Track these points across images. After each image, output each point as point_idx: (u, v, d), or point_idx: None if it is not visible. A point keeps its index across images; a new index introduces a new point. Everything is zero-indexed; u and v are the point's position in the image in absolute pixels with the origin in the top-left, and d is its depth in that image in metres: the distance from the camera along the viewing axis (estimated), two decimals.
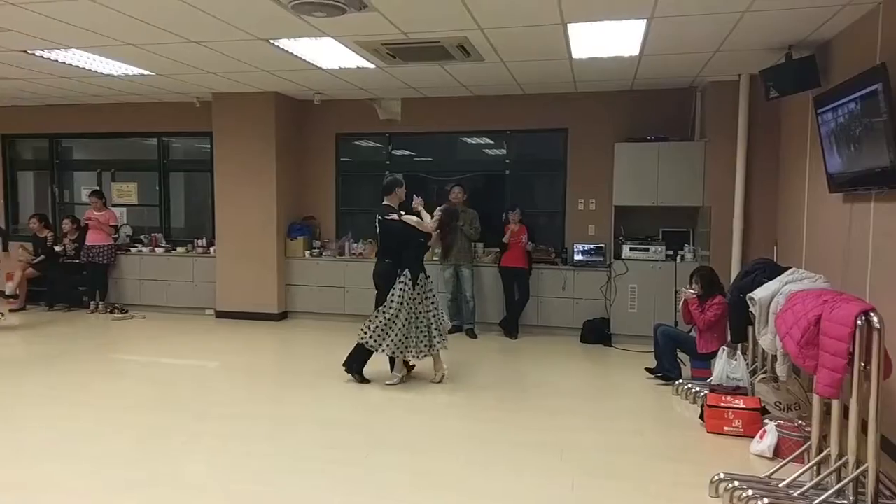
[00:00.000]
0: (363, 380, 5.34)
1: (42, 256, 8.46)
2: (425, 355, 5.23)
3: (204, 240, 8.45)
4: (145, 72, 6.58)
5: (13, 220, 9.38)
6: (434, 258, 7.56)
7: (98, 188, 8.77)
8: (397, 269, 5.21)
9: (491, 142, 8.29)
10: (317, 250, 8.10)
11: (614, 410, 4.92)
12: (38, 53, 5.83)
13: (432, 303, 5.28)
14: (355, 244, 8.05)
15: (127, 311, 8.27)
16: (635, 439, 4.22)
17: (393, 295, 5.13)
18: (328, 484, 3.45)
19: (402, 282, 5.13)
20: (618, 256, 7.05)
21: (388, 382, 5.28)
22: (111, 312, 8.23)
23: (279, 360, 6.71)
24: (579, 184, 7.69)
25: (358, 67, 6.22)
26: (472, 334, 7.25)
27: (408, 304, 5.11)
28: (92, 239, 8.28)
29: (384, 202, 5.42)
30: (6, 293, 8.51)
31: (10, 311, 8.24)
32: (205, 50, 5.63)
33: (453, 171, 8.10)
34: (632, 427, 4.46)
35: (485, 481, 3.52)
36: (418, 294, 5.17)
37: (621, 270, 6.97)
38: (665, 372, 5.44)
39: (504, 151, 8.09)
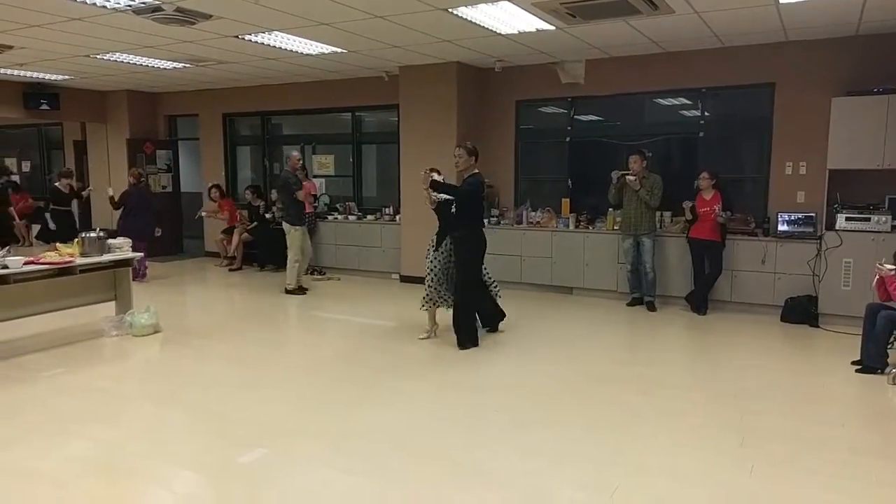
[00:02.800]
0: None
1: (255, 223, 9.66)
2: (448, 305, 5.68)
3: (391, 208, 9.04)
4: (338, 49, 7.14)
5: (233, 191, 10.79)
6: (615, 227, 7.30)
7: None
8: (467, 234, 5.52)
9: (684, 102, 7.72)
10: (494, 219, 8.25)
11: (814, 398, 4.44)
12: (248, 38, 6.59)
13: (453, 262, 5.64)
14: (533, 213, 8.05)
15: (325, 273, 9.18)
16: (834, 431, 3.81)
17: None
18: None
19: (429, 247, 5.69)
20: (830, 227, 6.25)
21: (420, 336, 5.76)
22: (311, 274, 9.18)
23: None
24: (787, 145, 6.89)
25: (537, 30, 6.14)
26: (651, 307, 6.96)
27: (432, 265, 5.62)
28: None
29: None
30: (226, 254, 9.91)
31: (230, 270, 9.59)
32: (390, 24, 5.94)
33: (641, 136, 7.71)
34: (832, 417, 4.04)
35: (654, 458, 3.40)
36: (443, 255, 5.61)
37: (834, 243, 6.16)
38: (870, 362, 4.77)
39: (698, 112, 7.49)
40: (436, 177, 5.48)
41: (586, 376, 4.85)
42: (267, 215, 9.61)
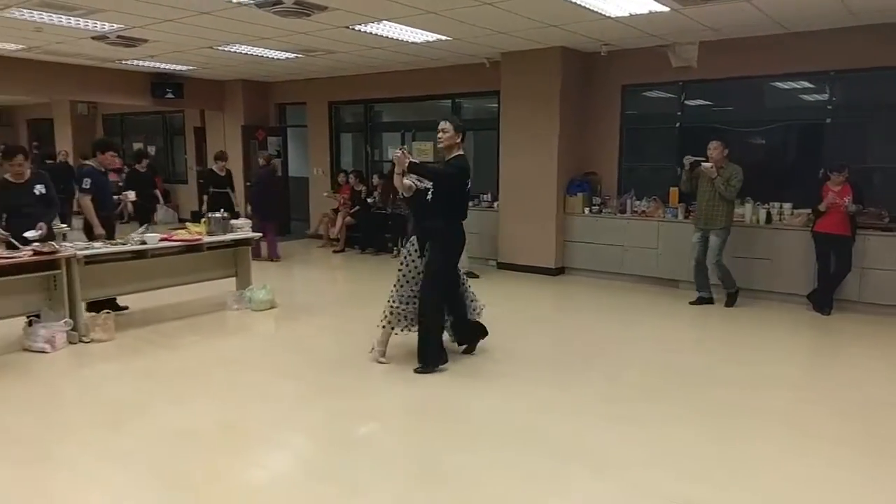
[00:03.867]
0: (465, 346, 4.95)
1: (357, 207, 10.03)
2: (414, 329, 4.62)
3: (489, 195, 9.11)
4: (443, 37, 7.25)
5: (336, 176, 11.23)
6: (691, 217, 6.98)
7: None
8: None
9: (807, 86, 7.26)
10: (596, 207, 8.14)
11: None
12: (358, 28, 6.83)
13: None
14: (638, 202, 7.87)
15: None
16: None
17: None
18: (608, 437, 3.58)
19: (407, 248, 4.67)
20: None
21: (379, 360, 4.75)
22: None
23: (556, 312, 7.00)
24: None
25: (650, 12, 5.98)
26: (731, 300, 6.61)
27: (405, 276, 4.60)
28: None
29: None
30: (330, 237, 10.37)
31: (334, 252, 10.03)
32: (496, 10, 5.97)
33: (758, 121, 7.34)
34: None
35: (766, 462, 3.29)
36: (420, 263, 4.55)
37: None
38: None
39: (824, 96, 7.02)
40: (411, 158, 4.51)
41: (697, 374, 4.74)
42: (368, 200, 9.95)
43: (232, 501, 2.91)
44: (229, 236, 6.41)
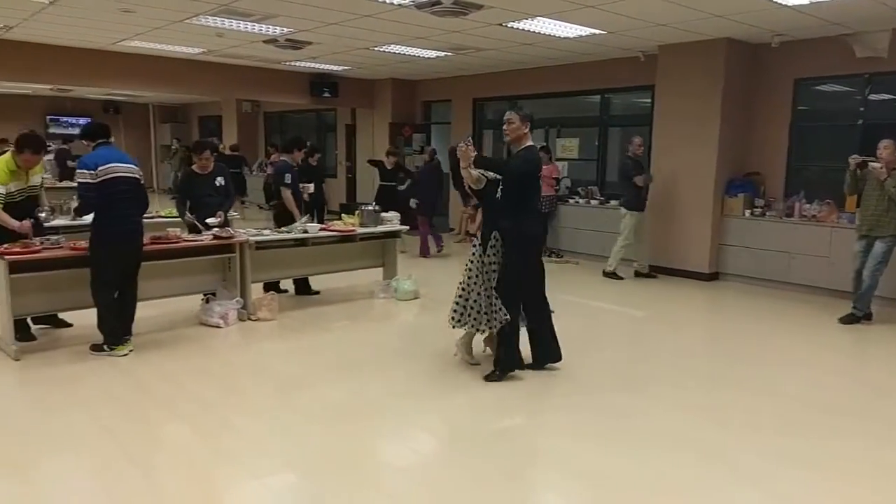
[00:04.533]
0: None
1: None
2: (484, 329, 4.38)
3: None
4: (597, 31, 7.12)
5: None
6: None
7: (545, 144, 9.94)
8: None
9: None
10: (759, 209, 7.60)
11: None
12: (511, 25, 6.88)
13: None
14: (808, 205, 7.24)
15: (562, 256, 9.30)
16: None
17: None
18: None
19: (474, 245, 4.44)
20: None
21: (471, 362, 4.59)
22: (549, 256, 9.36)
23: (708, 319, 6.64)
24: None
25: None
26: (851, 319, 5.91)
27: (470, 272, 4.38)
28: None
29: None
30: (470, 232, 10.53)
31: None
32: (658, 2, 5.75)
33: None
34: None
35: None
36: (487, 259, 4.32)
37: None
38: None
39: None
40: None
41: (868, 388, 4.30)
42: None
43: (378, 477, 3.08)
44: (379, 228, 6.74)
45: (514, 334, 4.32)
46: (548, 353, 4.50)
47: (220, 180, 5.98)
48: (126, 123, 18.67)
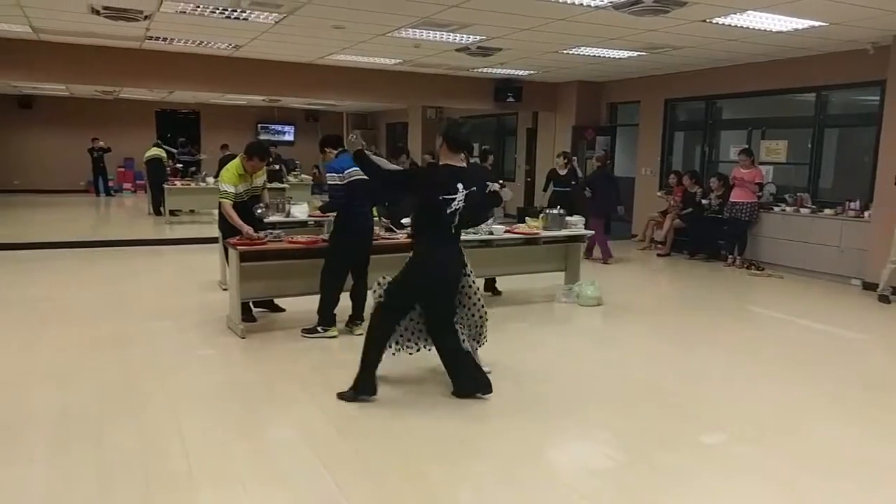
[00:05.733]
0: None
1: (690, 209, 9.67)
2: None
3: (857, 202, 7.95)
4: (818, 23, 6.56)
5: (665, 176, 10.95)
6: None
7: (747, 146, 9.33)
8: None
9: None
10: None
11: None
12: (715, 20, 6.59)
13: None
14: None
15: (763, 269, 8.67)
16: None
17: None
18: None
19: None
20: None
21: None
22: (747, 268, 8.78)
23: None
24: None
25: None
26: None
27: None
28: (736, 196, 8.93)
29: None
30: (656, 239, 10.20)
31: (658, 255, 9.85)
32: None
33: None
34: None
35: None
36: None
37: None
38: None
39: None
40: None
41: None
42: (703, 202, 9.53)
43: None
44: (563, 232, 6.81)
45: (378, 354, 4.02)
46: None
47: None
48: (323, 130, 20.58)
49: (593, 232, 7.69)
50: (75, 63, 9.36)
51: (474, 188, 3.86)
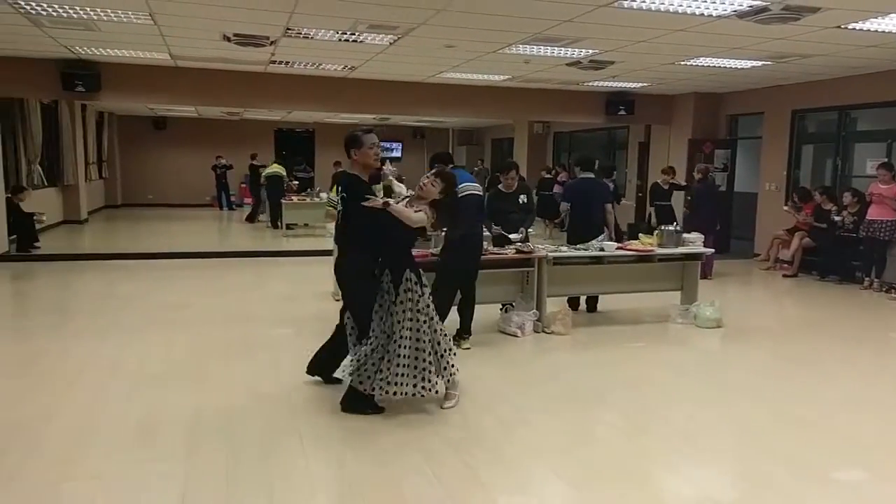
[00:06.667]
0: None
1: (823, 227, 9.04)
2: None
3: None
4: None
5: (791, 192, 10.32)
6: None
7: (886, 160, 8.66)
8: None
9: None
10: None
11: None
12: (852, 26, 6.20)
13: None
14: None
15: None
16: None
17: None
18: None
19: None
20: None
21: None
22: (886, 292, 8.12)
23: None
24: None
25: None
26: None
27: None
28: (874, 213, 8.29)
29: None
30: (781, 259, 9.64)
31: (784, 276, 9.29)
32: None
33: None
34: None
35: None
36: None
37: None
38: None
39: None
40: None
41: None
42: (836, 219, 8.91)
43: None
44: (680, 249, 6.61)
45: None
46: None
47: (522, 198, 6.48)
48: (429, 147, 21.10)
49: (713, 250, 7.39)
50: (207, 86, 10.20)
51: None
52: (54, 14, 6.52)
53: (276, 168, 14.53)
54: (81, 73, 9.31)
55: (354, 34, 7.21)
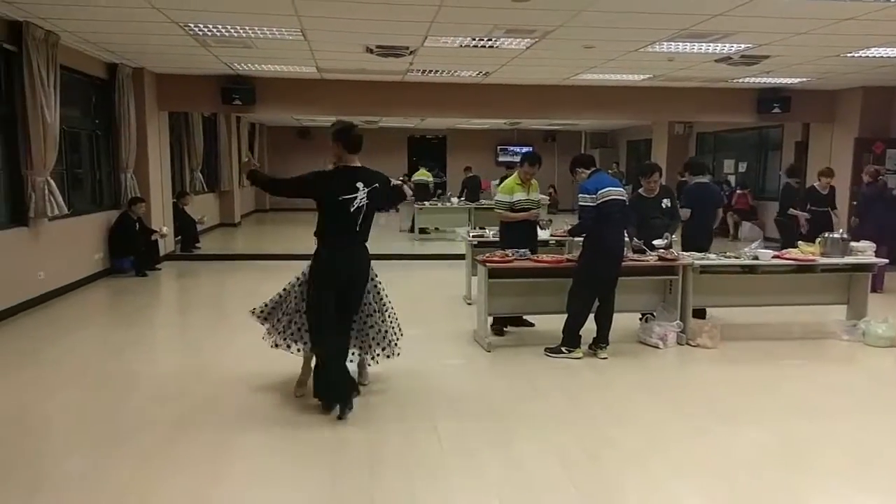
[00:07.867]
0: None
1: None
2: None
3: None
4: None
5: None
6: None
7: None
8: None
9: None
10: None
11: None
12: None
13: None
14: None
15: None
16: None
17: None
18: None
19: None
20: None
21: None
22: None
23: None
24: None
25: None
26: None
27: None
28: None
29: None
30: None
31: None
32: None
33: None
34: None
35: None
36: None
37: None
38: None
39: None
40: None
41: None
42: None
43: None
44: (846, 259, 6.05)
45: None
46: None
47: (666, 202, 6.23)
48: (560, 150, 20.84)
49: (887, 261, 6.71)
50: (349, 97, 10.75)
51: (376, 185, 4.17)
52: (218, 35, 7.18)
53: (423, 174, 14.97)
54: (238, 87, 10.16)
55: (491, 39, 7.29)
